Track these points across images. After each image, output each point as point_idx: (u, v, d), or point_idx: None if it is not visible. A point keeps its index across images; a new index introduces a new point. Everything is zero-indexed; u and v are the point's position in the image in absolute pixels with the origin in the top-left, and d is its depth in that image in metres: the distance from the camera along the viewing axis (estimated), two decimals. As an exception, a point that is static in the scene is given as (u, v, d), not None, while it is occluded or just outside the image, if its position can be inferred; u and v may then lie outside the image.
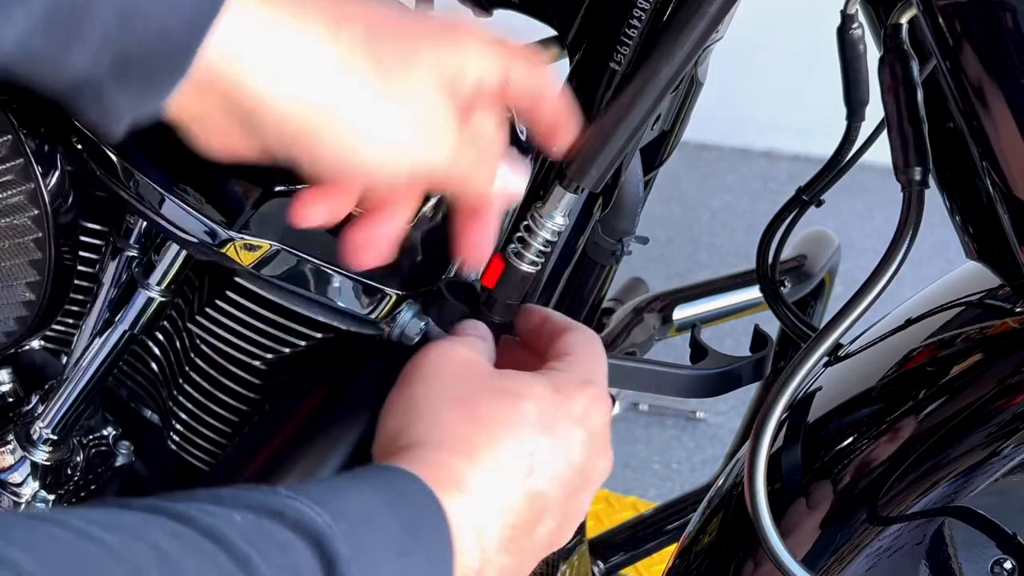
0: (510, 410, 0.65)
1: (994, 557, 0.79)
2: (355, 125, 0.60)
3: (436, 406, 0.65)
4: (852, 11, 0.91)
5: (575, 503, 0.68)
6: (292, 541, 0.51)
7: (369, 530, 0.55)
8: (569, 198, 0.72)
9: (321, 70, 0.59)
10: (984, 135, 0.73)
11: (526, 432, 0.65)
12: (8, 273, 0.82)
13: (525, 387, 0.67)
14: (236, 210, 0.78)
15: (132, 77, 0.57)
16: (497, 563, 0.62)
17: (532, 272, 0.75)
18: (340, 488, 0.57)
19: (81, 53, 0.56)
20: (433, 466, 0.61)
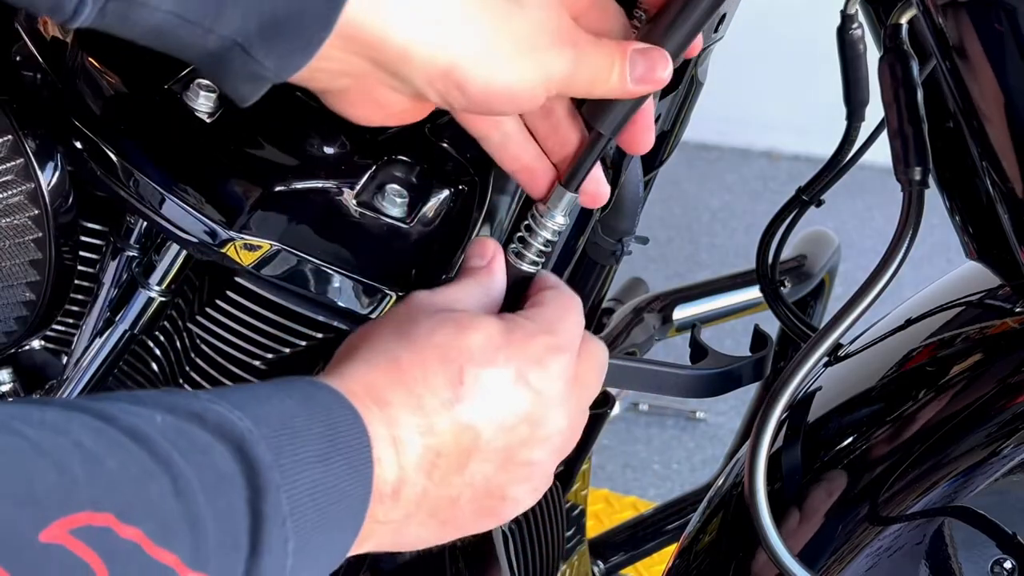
0: (449, 336, 0.63)
1: (994, 557, 0.79)
2: (494, 48, 0.63)
3: (381, 329, 0.65)
4: (852, 11, 0.91)
5: (521, 454, 0.65)
6: (213, 444, 0.51)
7: (290, 436, 0.54)
8: (569, 197, 0.72)
9: (451, 6, 0.62)
10: (984, 135, 0.73)
11: (461, 359, 0.63)
12: (8, 273, 0.82)
13: (474, 320, 0.65)
14: (236, 210, 0.79)
15: (281, 36, 0.58)
16: (419, 484, 0.61)
17: (533, 272, 0.75)
18: (260, 395, 0.56)
19: (232, 15, 0.57)
20: (354, 379, 0.61)
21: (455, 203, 0.82)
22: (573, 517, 1.16)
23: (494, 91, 0.64)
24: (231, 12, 0.57)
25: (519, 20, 0.63)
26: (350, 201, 0.78)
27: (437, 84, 0.63)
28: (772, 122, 3.36)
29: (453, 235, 0.83)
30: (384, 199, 0.79)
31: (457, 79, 0.63)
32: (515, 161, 0.73)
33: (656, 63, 0.67)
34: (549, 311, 0.68)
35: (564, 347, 0.67)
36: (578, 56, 0.65)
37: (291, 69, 0.61)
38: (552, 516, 1.04)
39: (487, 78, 0.63)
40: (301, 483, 0.53)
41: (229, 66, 0.60)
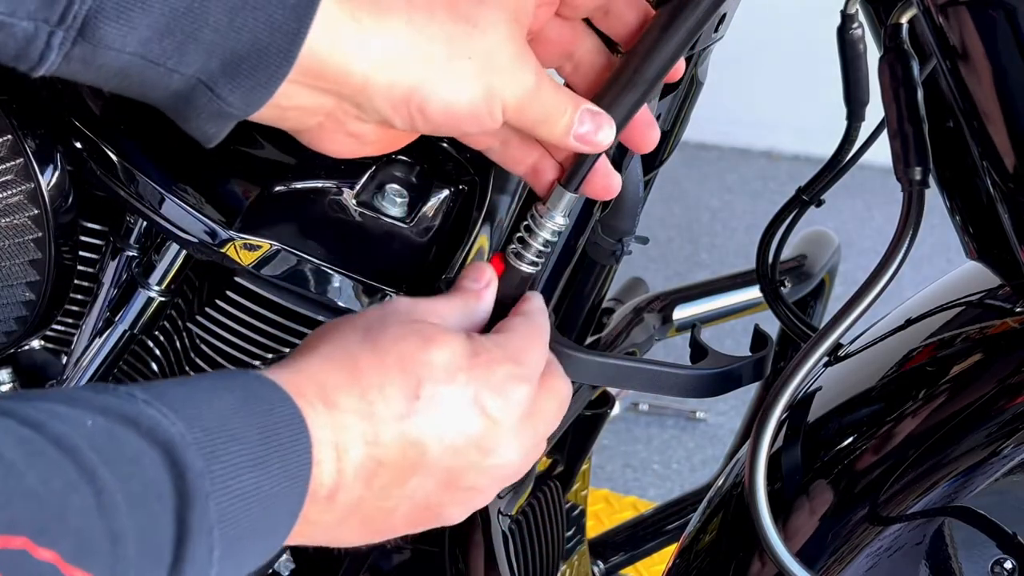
0: (413, 348, 0.63)
1: (994, 557, 0.79)
2: (451, 71, 0.64)
3: (350, 326, 0.64)
4: (852, 11, 0.91)
5: (465, 478, 0.65)
6: (144, 451, 0.50)
7: (226, 438, 0.53)
8: (569, 197, 0.72)
9: (409, 36, 0.63)
10: (984, 135, 0.73)
11: (421, 373, 0.62)
12: (8, 273, 0.82)
13: (441, 336, 0.65)
14: (236, 210, 0.79)
15: (243, 73, 0.60)
16: (355, 491, 0.60)
17: (532, 272, 0.74)
18: (199, 393, 0.55)
19: (195, 54, 0.59)
20: (308, 376, 0.60)
21: (455, 203, 0.81)
22: (573, 517, 1.16)
23: (456, 112, 0.65)
24: (194, 51, 0.59)
25: (476, 41, 0.64)
26: (350, 201, 0.78)
27: (400, 110, 0.64)
28: (772, 122, 3.36)
29: (453, 235, 0.83)
30: (384, 199, 0.79)
31: (418, 103, 0.64)
32: (519, 164, 0.73)
33: (601, 127, 0.68)
34: (517, 338, 0.68)
35: (526, 378, 0.67)
36: (537, 86, 0.66)
37: (255, 105, 0.62)
38: (552, 516, 1.04)
39: (448, 100, 0.64)
40: (234, 488, 0.53)
41: (194, 105, 0.61)
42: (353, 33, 0.62)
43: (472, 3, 0.64)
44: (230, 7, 0.58)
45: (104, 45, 0.57)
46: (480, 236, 0.85)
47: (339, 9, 0.61)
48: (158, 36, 0.57)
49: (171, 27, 0.57)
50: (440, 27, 0.63)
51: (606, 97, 0.69)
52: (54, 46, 0.56)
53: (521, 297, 0.74)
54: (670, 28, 0.68)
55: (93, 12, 0.55)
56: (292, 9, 0.59)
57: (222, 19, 0.58)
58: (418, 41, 0.63)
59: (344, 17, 0.61)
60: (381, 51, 0.62)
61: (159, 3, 0.57)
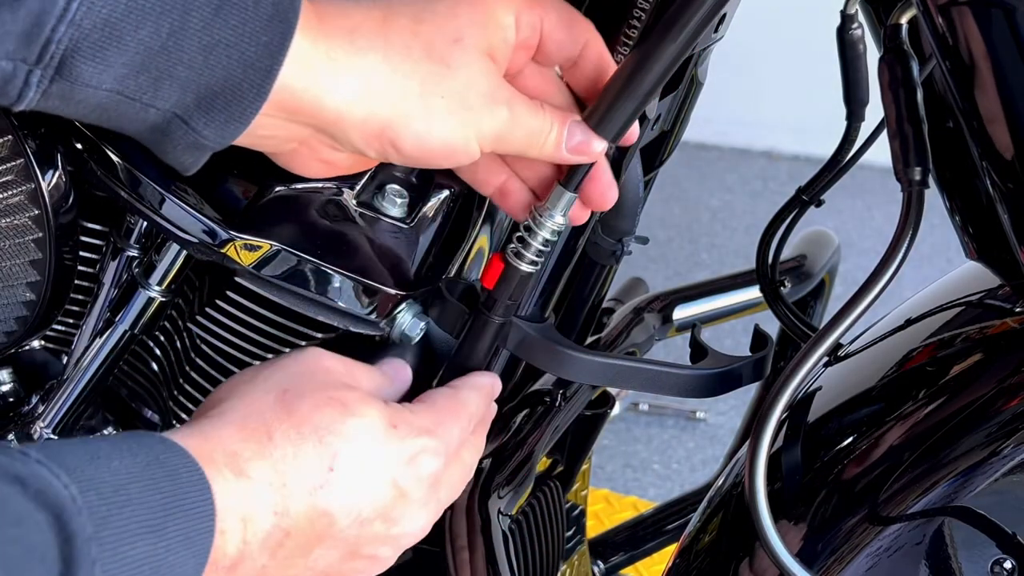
0: (330, 419, 0.63)
1: (994, 557, 0.79)
2: (424, 108, 0.65)
3: (264, 387, 0.64)
4: (852, 11, 0.91)
5: (368, 548, 0.65)
6: (30, 514, 0.49)
7: (122, 502, 0.53)
8: (569, 197, 0.72)
9: (384, 75, 0.64)
10: (984, 135, 0.73)
11: (336, 445, 0.62)
12: (9, 273, 0.82)
13: (360, 406, 0.65)
14: (236, 210, 0.79)
15: (218, 107, 0.61)
16: (259, 562, 0.60)
17: (532, 272, 0.75)
18: (99, 455, 0.54)
19: (170, 91, 0.60)
20: (218, 442, 0.60)
21: (455, 203, 0.82)
22: (573, 517, 1.16)
23: (428, 148, 0.66)
24: (169, 86, 0.60)
25: (449, 81, 0.66)
26: (350, 201, 0.78)
27: (373, 143, 0.66)
28: (772, 122, 3.36)
29: (453, 235, 0.83)
30: (384, 199, 0.79)
31: (391, 138, 0.66)
32: (486, 185, 0.75)
33: (592, 137, 0.70)
34: (436, 412, 0.69)
35: (438, 451, 0.67)
36: (513, 117, 0.68)
37: (230, 137, 0.63)
38: (552, 516, 1.04)
39: (419, 136, 0.66)
40: (125, 555, 0.52)
41: (170, 137, 0.62)
42: (327, 70, 0.63)
43: (447, 43, 0.66)
44: (204, 45, 0.59)
45: (81, 83, 0.58)
46: (480, 236, 0.85)
47: (313, 47, 0.62)
48: (134, 73, 0.58)
49: (146, 64, 0.58)
50: (415, 65, 0.65)
51: (603, 104, 0.70)
52: (32, 84, 0.57)
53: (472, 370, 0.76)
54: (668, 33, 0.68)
55: (70, 51, 0.56)
56: (265, 47, 0.60)
57: (196, 57, 0.59)
58: (393, 78, 0.64)
59: (318, 55, 0.63)
60: (355, 87, 0.64)
61: (134, 42, 0.57)
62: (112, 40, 0.57)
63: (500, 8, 0.67)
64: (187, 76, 0.60)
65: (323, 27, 0.63)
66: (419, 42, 0.65)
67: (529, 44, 0.70)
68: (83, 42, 0.56)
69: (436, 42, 0.65)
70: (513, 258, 0.74)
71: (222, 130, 0.63)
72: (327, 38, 0.63)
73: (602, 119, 0.70)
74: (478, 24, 0.66)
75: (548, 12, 0.69)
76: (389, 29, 0.65)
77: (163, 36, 0.58)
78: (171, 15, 0.58)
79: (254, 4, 0.60)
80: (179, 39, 0.58)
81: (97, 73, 0.58)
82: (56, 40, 0.56)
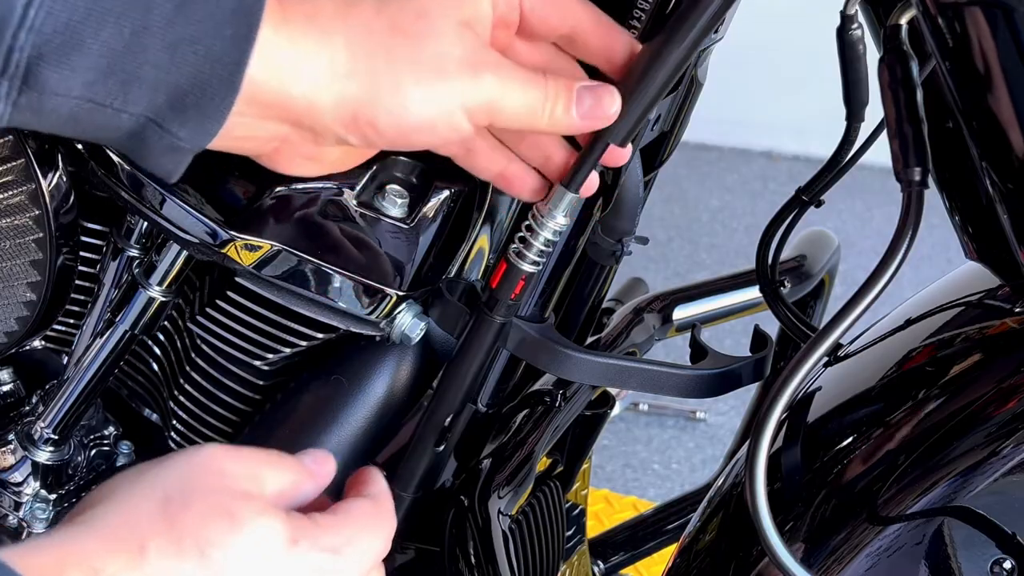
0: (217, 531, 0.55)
1: (994, 557, 0.79)
2: (393, 83, 0.63)
3: (145, 491, 0.57)
4: (852, 12, 0.91)
5: None
6: None
7: None
8: (570, 197, 0.72)
9: (348, 56, 0.62)
10: (984, 135, 0.73)
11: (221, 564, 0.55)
12: (9, 273, 0.82)
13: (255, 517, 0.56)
14: (236, 210, 0.79)
15: (190, 107, 0.60)
16: None
17: (534, 272, 0.75)
18: None
19: (140, 93, 0.59)
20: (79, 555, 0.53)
21: (455, 203, 0.82)
22: (573, 517, 1.16)
23: (408, 125, 0.64)
24: (138, 90, 0.59)
25: (417, 51, 0.63)
26: (350, 202, 0.78)
27: (351, 128, 0.64)
28: (772, 122, 3.36)
29: (453, 235, 0.83)
30: (384, 199, 0.79)
31: (367, 120, 0.64)
32: (487, 171, 0.73)
33: (603, 99, 0.67)
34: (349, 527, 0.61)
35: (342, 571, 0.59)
36: (502, 84, 0.65)
37: (206, 137, 0.62)
38: (552, 516, 1.04)
39: (394, 113, 0.63)
40: None
41: (147, 143, 0.61)
42: (290, 58, 0.61)
43: (412, 19, 0.64)
44: (168, 43, 0.58)
45: (49, 91, 0.57)
46: (480, 236, 0.85)
47: (276, 35, 0.61)
48: (101, 77, 0.57)
49: (112, 67, 0.57)
50: (379, 40, 0.63)
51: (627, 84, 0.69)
52: (0, 96, 0.56)
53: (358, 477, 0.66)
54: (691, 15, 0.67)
55: (34, 59, 0.56)
56: (231, 40, 0.59)
57: (162, 56, 0.58)
58: (357, 57, 0.63)
59: (282, 42, 0.61)
60: (321, 72, 0.62)
61: (97, 44, 0.56)
62: (74, 44, 0.56)
63: None
64: (155, 77, 0.58)
65: (284, 14, 0.61)
66: (382, 20, 0.63)
67: (509, 21, 0.68)
68: (45, 48, 0.55)
69: (399, 19, 0.63)
70: (515, 258, 0.74)
71: (197, 130, 0.61)
72: (287, 25, 0.61)
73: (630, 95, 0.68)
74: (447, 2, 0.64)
75: None
76: (350, 11, 0.63)
77: (126, 36, 0.57)
78: (132, 15, 0.57)
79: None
80: (142, 38, 0.57)
81: (64, 80, 0.57)
82: (18, 48, 0.55)
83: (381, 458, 0.91)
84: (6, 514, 0.95)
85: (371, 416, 0.85)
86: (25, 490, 0.94)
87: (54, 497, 0.95)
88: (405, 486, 0.86)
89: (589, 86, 0.67)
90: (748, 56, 2.41)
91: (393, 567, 0.95)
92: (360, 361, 0.85)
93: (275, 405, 0.88)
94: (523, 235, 0.74)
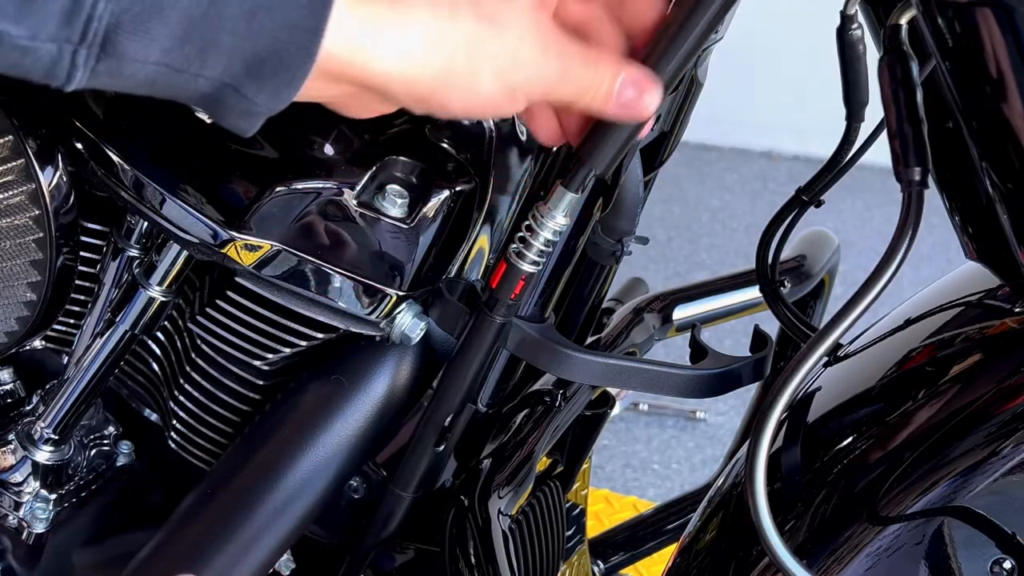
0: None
1: (994, 557, 0.79)
2: (470, 71, 0.65)
3: None
4: (852, 12, 0.91)
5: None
6: None
7: None
8: (570, 197, 0.72)
9: (429, 40, 0.63)
10: (984, 135, 0.73)
11: None
12: (9, 273, 0.82)
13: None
14: (236, 210, 0.79)
15: (266, 73, 0.61)
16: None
17: (534, 271, 0.75)
18: None
19: (217, 58, 0.59)
20: None
21: (455, 203, 0.82)
22: (573, 517, 1.16)
23: (477, 107, 0.66)
24: (215, 56, 0.59)
25: (499, 41, 0.65)
26: (350, 201, 0.78)
27: (421, 105, 0.66)
28: (772, 122, 3.36)
29: (453, 235, 0.83)
30: (384, 199, 0.79)
31: (440, 103, 0.65)
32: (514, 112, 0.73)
33: (645, 92, 0.68)
34: None
35: None
36: (563, 70, 0.67)
37: (281, 102, 0.63)
38: (552, 516, 1.04)
39: (466, 99, 0.65)
40: None
41: (224, 104, 0.62)
42: (370, 33, 0.62)
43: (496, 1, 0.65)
44: (246, 11, 0.59)
45: (127, 58, 0.57)
46: (480, 236, 0.85)
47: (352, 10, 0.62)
48: (178, 44, 0.58)
49: (189, 34, 0.58)
50: (462, 27, 0.64)
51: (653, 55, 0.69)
52: (79, 64, 0.57)
53: None
54: None
55: (112, 27, 0.56)
56: (308, 8, 0.60)
57: (240, 23, 0.59)
58: (438, 42, 0.64)
59: (359, 18, 0.62)
60: (399, 51, 0.63)
61: (175, 12, 0.57)
62: (153, 12, 0.57)
63: None
64: (232, 43, 0.59)
65: None
66: (466, 2, 0.64)
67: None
68: (124, 16, 0.56)
69: (484, 1, 0.65)
70: (515, 258, 0.74)
71: (274, 96, 0.62)
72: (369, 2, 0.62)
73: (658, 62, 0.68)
74: None
75: None
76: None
77: (204, 4, 0.58)
78: None
79: None
80: (220, 6, 0.58)
81: (142, 47, 0.57)
82: (97, 16, 0.56)
83: (381, 458, 0.91)
84: (6, 514, 0.95)
85: (371, 416, 0.85)
86: (25, 490, 0.94)
87: (54, 497, 0.95)
88: (405, 486, 0.86)
89: (634, 79, 0.68)
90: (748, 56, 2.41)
91: (393, 567, 0.95)
92: (360, 361, 0.85)
93: (275, 405, 0.87)
94: (523, 235, 0.74)
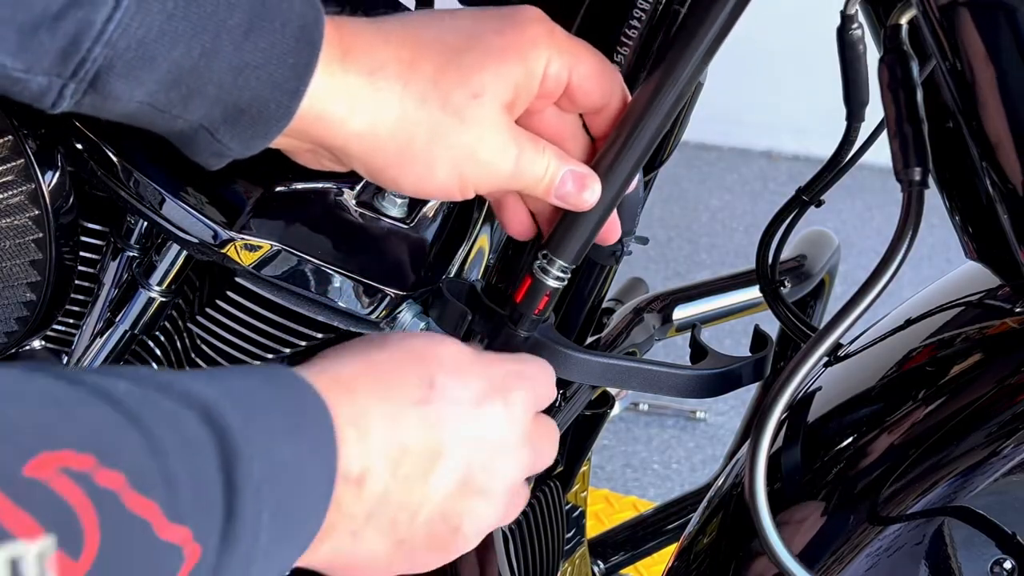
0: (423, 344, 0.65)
1: (994, 557, 0.79)
2: (428, 156, 0.67)
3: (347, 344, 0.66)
4: (852, 11, 0.91)
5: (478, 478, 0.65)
6: (180, 411, 0.50)
7: (257, 411, 0.54)
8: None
9: (396, 119, 0.66)
10: (984, 135, 0.73)
11: (434, 365, 0.64)
12: (9, 273, 0.82)
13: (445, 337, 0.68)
14: (236, 210, 0.79)
15: (243, 124, 0.63)
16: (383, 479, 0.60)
17: (559, 287, 0.74)
18: (223, 375, 0.56)
19: (199, 106, 0.62)
20: (321, 370, 0.61)
21: (455, 203, 0.82)
22: (573, 518, 1.17)
23: (426, 190, 0.69)
24: (198, 103, 0.62)
25: (460, 135, 0.67)
26: (350, 201, 0.78)
27: (373, 176, 0.69)
28: (772, 122, 3.36)
29: (453, 235, 0.83)
30: (384, 199, 0.79)
31: (391, 176, 0.68)
32: None
33: (585, 188, 0.70)
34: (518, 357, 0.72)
35: (528, 377, 0.69)
36: (517, 165, 0.69)
37: (251, 150, 0.66)
38: (552, 516, 1.04)
39: (418, 181, 0.68)
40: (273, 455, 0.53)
41: (196, 143, 0.65)
42: (344, 100, 0.65)
43: (466, 97, 0.66)
44: (234, 67, 0.61)
45: (113, 96, 0.60)
46: (480, 236, 0.85)
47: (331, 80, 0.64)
48: (164, 89, 0.60)
49: (177, 82, 0.60)
50: (428, 114, 0.66)
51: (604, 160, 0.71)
52: (66, 96, 0.59)
53: None
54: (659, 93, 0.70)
55: (104, 69, 0.58)
56: (292, 69, 0.62)
57: (226, 77, 0.61)
58: (403, 123, 0.66)
59: (337, 88, 0.64)
60: (365, 124, 0.65)
61: (167, 62, 0.59)
62: (145, 60, 0.59)
63: (532, 56, 0.67)
64: (216, 94, 0.61)
65: (346, 62, 0.64)
66: (437, 93, 0.66)
67: (552, 93, 0.70)
68: (117, 61, 0.58)
69: (454, 95, 0.66)
70: (540, 274, 0.74)
71: (246, 143, 0.65)
72: (346, 74, 0.64)
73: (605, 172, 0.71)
74: (503, 77, 0.67)
75: (579, 62, 0.69)
76: (411, 75, 0.66)
77: (195, 57, 0.60)
78: (203, 37, 0.59)
79: (281, 27, 0.61)
80: (210, 60, 0.60)
81: (129, 89, 0.59)
82: (92, 59, 0.57)
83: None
84: (6, 514, 0.94)
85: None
86: (25, 490, 0.94)
87: (54, 497, 0.95)
88: (405, 486, 0.86)
89: (576, 172, 0.71)
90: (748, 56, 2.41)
91: (393, 567, 0.95)
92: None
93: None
94: (546, 251, 0.74)
